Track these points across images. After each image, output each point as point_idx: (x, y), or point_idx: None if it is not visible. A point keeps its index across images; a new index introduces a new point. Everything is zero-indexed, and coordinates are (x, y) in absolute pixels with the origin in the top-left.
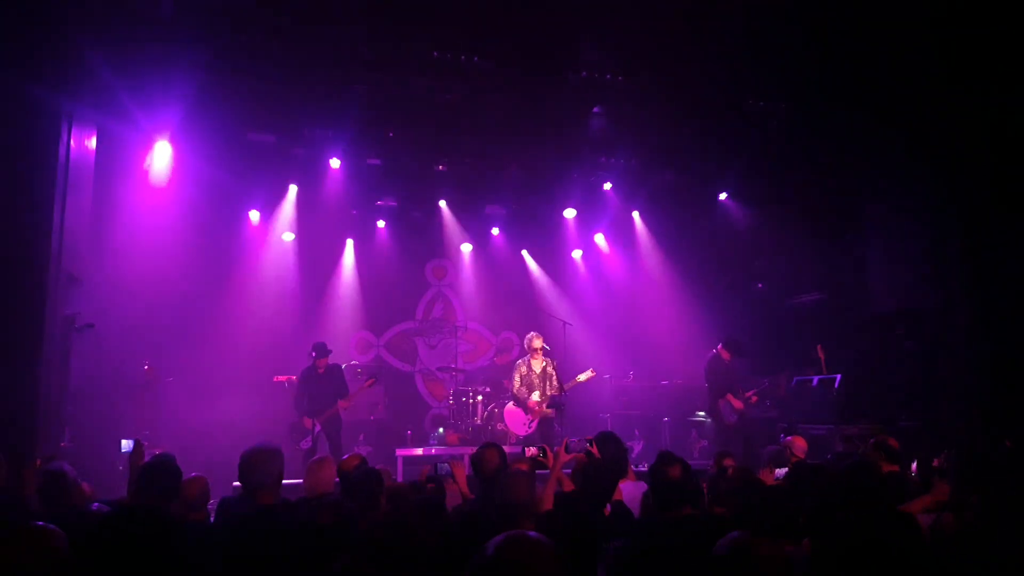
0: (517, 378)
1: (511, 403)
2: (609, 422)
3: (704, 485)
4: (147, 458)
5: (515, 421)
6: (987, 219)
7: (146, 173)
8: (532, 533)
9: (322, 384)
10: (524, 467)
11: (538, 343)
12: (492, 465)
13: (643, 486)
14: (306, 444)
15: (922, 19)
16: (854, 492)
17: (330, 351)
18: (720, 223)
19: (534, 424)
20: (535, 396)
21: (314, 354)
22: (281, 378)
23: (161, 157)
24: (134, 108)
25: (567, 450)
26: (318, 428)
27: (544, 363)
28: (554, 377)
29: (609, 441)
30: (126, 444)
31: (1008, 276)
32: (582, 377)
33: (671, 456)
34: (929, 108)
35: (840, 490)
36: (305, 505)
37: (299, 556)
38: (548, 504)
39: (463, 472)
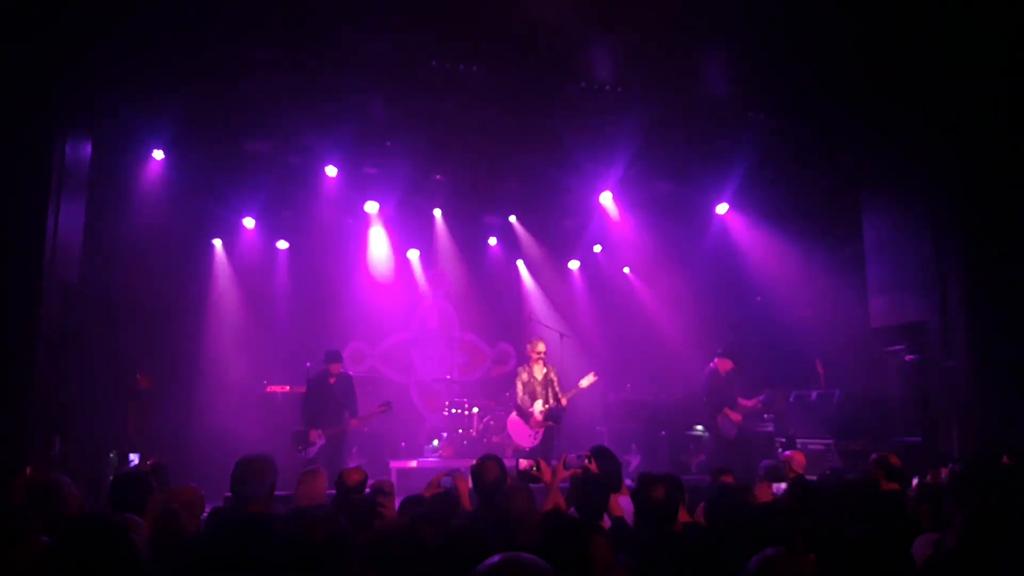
0: (520, 386)
1: (514, 413)
2: (606, 436)
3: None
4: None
5: (519, 433)
6: (986, 233)
7: (142, 183)
8: (527, 556)
9: (332, 394)
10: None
11: (541, 347)
12: (491, 477)
13: None
14: (309, 454)
15: (925, 32)
16: (852, 511)
17: (343, 359)
18: (718, 235)
19: (539, 435)
20: (538, 406)
21: (325, 361)
22: (274, 388)
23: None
24: (130, 116)
25: (565, 466)
26: (323, 440)
27: (545, 369)
28: (555, 383)
29: (603, 455)
30: (134, 457)
31: (1007, 291)
32: (584, 383)
33: (651, 477)
34: (928, 123)
35: (837, 508)
36: (296, 517)
37: (287, 569)
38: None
39: (466, 485)
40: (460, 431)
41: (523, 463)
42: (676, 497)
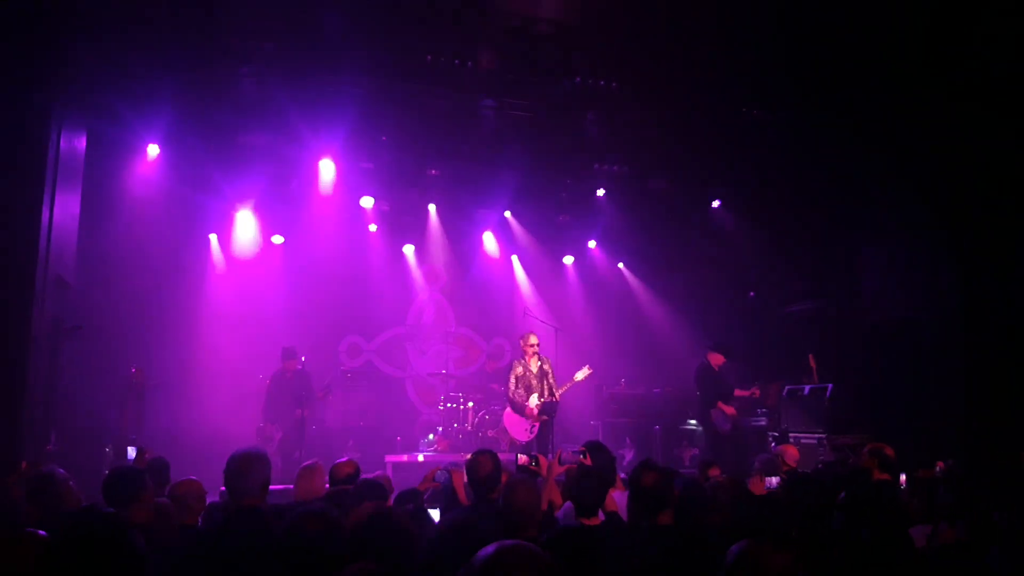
0: (513, 380)
1: (509, 407)
2: (600, 430)
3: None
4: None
5: (516, 427)
6: (980, 229)
7: (137, 177)
8: (527, 544)
9: (286, 390)
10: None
11: (534, 340)
12: (484, 471)
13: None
14: (270, 449)
15: (917, 31)
16: (846, 501)
17: (299, 356)
18: (713, 231)
19: (536, 428)
20: (534, 400)
21: (281, 359)
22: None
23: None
24: (124, 110)
25: (560, 461)
26: (280, 434)
27: (540, 362)
28: (550, 375)
29: (598, 450)
30: (131, 451)
31: (1001, 286)
32: (579, 376)
33: (649, 463)
34: (923, 119)
35: (832, 499)
36: (291, 511)
37: (281, 563)
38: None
39: (462, 480)
40: (455, 425)
41: (522, 458)
42: (668, 488)
